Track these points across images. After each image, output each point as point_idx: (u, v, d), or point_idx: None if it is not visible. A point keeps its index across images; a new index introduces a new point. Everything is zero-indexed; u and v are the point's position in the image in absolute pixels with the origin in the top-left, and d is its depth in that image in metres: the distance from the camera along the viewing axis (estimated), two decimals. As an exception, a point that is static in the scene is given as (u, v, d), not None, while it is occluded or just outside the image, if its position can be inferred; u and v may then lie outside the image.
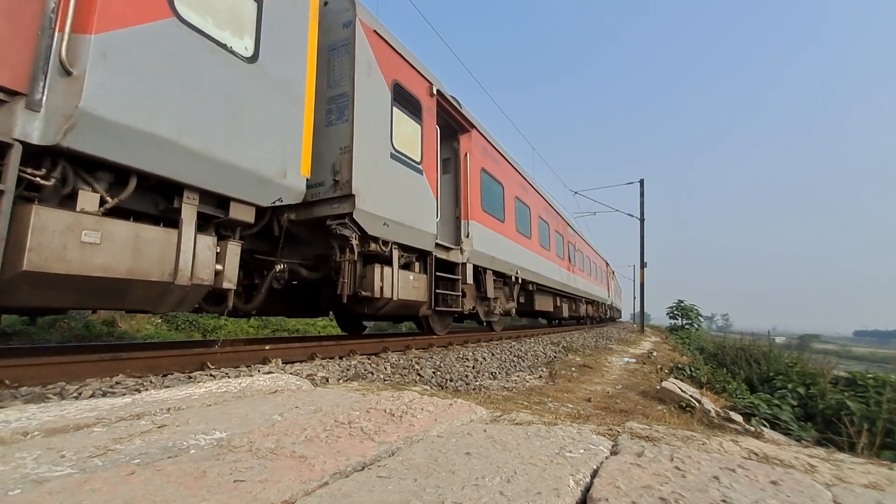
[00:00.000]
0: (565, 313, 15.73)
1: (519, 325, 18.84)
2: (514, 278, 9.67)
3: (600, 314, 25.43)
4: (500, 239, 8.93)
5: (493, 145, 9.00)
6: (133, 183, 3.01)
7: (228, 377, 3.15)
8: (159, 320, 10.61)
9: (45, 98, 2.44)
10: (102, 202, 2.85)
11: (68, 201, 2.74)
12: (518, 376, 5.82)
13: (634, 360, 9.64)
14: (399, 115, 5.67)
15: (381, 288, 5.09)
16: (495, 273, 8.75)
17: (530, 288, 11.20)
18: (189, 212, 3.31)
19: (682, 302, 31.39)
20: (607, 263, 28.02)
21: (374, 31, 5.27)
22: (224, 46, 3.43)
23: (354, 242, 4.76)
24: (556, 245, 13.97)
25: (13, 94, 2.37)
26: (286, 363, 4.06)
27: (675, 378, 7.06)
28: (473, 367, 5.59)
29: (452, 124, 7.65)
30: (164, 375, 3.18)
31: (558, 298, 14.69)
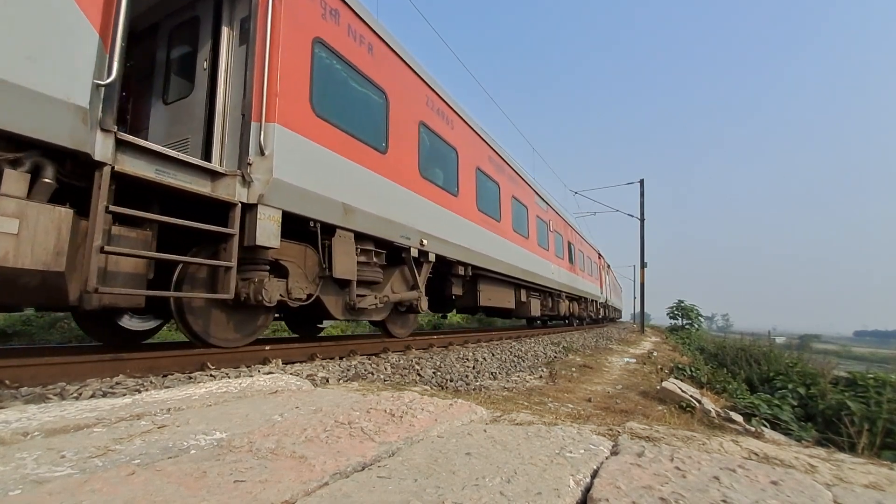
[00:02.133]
0: (535, 311, 11.67)
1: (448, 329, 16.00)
2: (415, 251, 5.97)
3: (590, 314, 20.75)
4: (371, 178, 5.22)
5: (358, 15, 5.15)
6: None
7: (228, 377, 3.15)
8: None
9: None
10: None
11: None
12: (518, 376, 5.81)
13: (635, 361, 9.64)
14: None
15: None
16: (366, 238, 5.20)
17: (460, 272, 7.40)
18: None
19: (682, 302, 31.46)
20: (600, 255, 23.79)
21: None
22: None
23: None
24: (516, 218, 10.13)
25: None
26: (286, 363, 4.06)
27: (676, 378, 7.06)
28: (474, 368, 5.59)
29: None
30: (165, 376, 3.18)
31: (523, 291, 10.93)
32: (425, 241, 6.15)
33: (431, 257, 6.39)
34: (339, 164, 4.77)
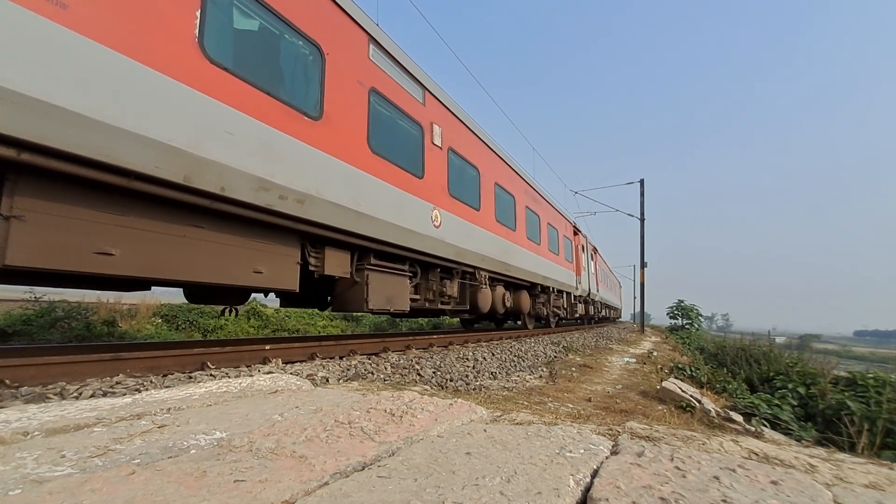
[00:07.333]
0: (398, 302, 5.73)
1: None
2: None
3: (557, 310, 13.85)
4: None
5: None
6: None
7: (229, 377, 3.15)
8: (159, 320, 10.61)
9: None
10: None
11: None
12: (518, 376, 5.81)
13: (634, 360, 9.64)
14: None
15: None
16: None
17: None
18: None
19: (682, 302, 31.42)
20: (577, 230, 16.48)
21: None
22: None
23: None
24: (294, 76, 3.98)
25: None
26: (286, 363, 4.06)
27: (676, 378, 7.06)
28: (473, 367, 5.59)
29: None
30: (165, 375, 3.18)
31: (376, 260, 5.39)
32: None
33: None
34: None
